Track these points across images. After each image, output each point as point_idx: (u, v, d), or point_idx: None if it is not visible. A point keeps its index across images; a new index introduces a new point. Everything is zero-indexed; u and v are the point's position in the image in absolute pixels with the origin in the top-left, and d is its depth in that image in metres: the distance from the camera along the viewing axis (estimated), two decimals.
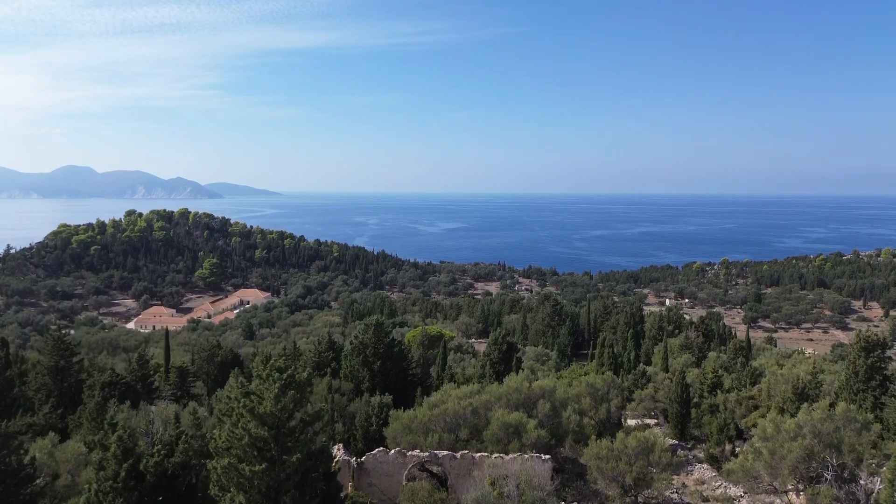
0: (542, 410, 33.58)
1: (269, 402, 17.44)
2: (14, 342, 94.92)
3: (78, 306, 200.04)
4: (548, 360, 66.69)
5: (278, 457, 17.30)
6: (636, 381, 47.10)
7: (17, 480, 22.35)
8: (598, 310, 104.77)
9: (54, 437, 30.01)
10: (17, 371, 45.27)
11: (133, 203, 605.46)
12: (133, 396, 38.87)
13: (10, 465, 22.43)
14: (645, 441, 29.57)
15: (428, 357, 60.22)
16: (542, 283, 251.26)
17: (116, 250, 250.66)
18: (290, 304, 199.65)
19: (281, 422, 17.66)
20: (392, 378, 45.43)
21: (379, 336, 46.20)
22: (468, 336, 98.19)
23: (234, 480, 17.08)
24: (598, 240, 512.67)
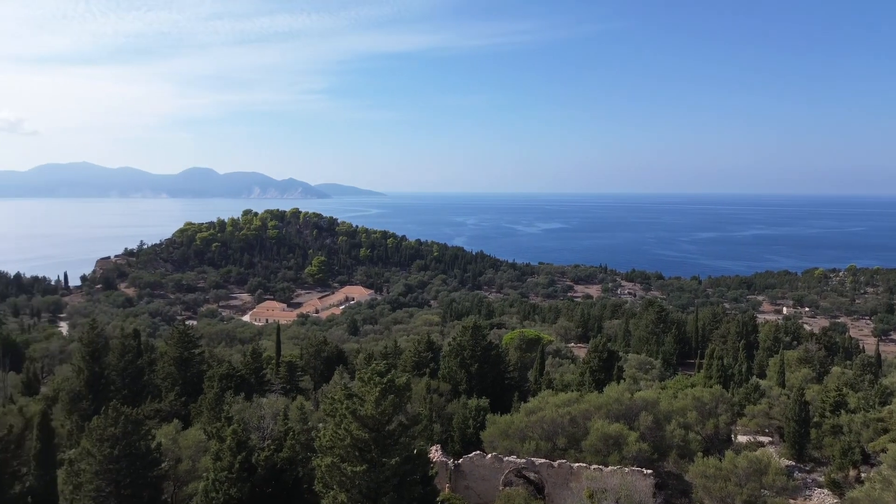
0: (644, 423, 32.41)
1: (370, 405, 18.04)
2: (145, 331, 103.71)
3: (200, 299, 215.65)
4: (651, 369, 64.22)
5: (378, 459, 17.86)
6: (748, 396, 44.35)
7: (145, 463, 24.51)
8: (707, 317, 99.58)
9: (178, 424, 32.61)
10: (148, 360, 49.58)
11: (249, 203, 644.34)
12: (247, 388, 41.38)
13: (140, 449, 24.63)
14: (757, 461, 27.81)
15: (525, 361, 59.80)
16: (645, 288, 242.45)
17: (234, 247, 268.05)
18: (391, 301, 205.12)
19: (381, 425, 18.21)
20: (489, 381, 45.53)
21: (476, 339, 46.45)
22: (567, 341, 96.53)
23: (336, 479, 17.81)
24: (707, 242, 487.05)
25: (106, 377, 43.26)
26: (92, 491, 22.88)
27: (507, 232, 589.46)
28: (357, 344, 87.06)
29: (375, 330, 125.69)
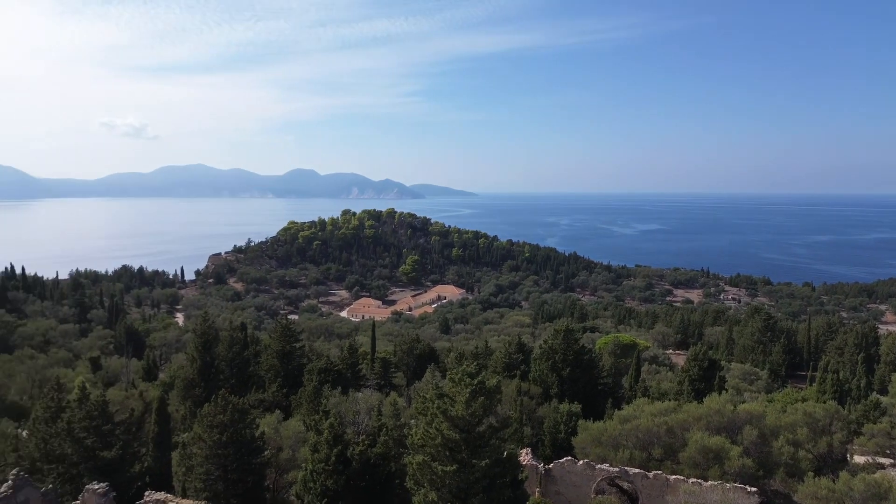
0: (748, 437, 30.65)
1: (461, 406, 18.23)
2: (251, 324, 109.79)
3: (302, 294, 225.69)
4: (756, 380, 60.59)
5: (468, 460, 18.01)
6: (867, 413, 40.86)
7: (249, 450, 25.99)
8: (821, 327, 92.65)
9: (279, 415, 34.32)
10: (253, 351, 52.48)
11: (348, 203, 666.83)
12: (343, 383, 42.87)
13: (245, 437, 26.13)
14: (876, 485, 25.56)
15: (619, 367, 58.16)
16: (751, 293, 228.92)
17: (334, 245, 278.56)
18: (482, 301, 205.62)
19: (471, 426, 18.35)
20: (581, 386, 44.67)
21: (568, 342, 45.70)
22: (664, 347, 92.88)
23: (427, 477, 18.14)
24: (822, 246, 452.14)
25: (216, 367, 46.25)
26: (202, 474, 24.56)
27: (601, 233, 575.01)
28: (448, 343, 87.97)
29: (466, 329, 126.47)
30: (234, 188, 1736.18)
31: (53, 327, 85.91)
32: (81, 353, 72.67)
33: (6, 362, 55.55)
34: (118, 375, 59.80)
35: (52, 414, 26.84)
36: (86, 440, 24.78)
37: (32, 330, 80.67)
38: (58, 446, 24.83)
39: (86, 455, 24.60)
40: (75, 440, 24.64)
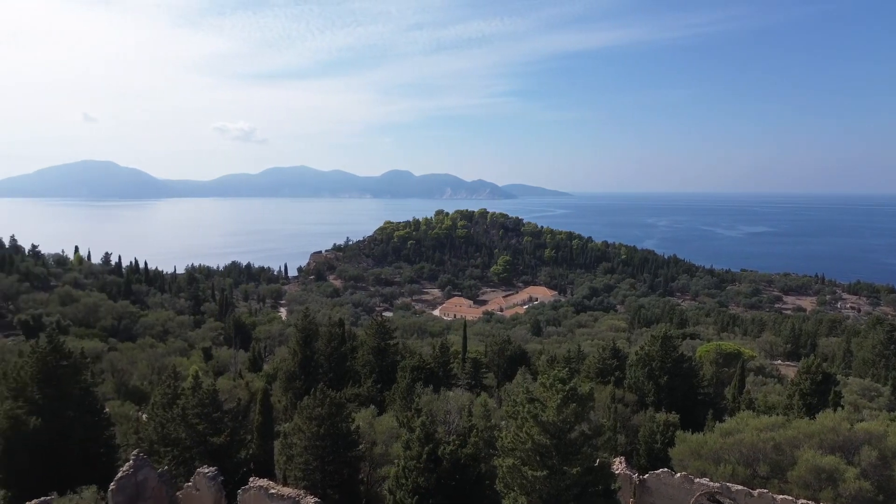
0: (867, 458, 28.25)
1: (552, 411, 18.02)
2: (348, 320, 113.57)
3: (396, 292, 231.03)
4: (877, 397, 55.59)
5: (559, 466, 17.79)
6: None
7: (345, 443, 26.94)
8: None
9: (374, 410, 35.33)
10: (350, 347, 54.28)
11: (441, 203, 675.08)
12: (435, 381, 43.47)
13: (341, 430, 27.11)
14: None
15: (721, 377, 55.28)
16: (873, 303, 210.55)
17: (427, 245, 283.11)
18: (575, 304, 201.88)
19: (562, 432, 18.11)
20: (679, 395, 42.88)
21: (667, 349, 44.00)
22: (772, 357, 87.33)
23: (517, 481, 18.09)
24: None
25: (315, 360, 48.30)
26: (301, 464, 25.74)
27: (704, 235, 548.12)
28: (540, 345, 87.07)
29: (558, 332, 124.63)
30: (335, 189, 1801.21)
31: (171, 318, 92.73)
32: (195, 343, 77.99)
33: (129, 350, 60.58)
34: (227, 365, 63.70)
35: (169, 400, 29.06)
36: (198, 426, 26.64)
37: (153, 320, 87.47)
38: (173, 431, 26.86)
39: (198, 440, 26.45)
40: (188, 426, 26.55)
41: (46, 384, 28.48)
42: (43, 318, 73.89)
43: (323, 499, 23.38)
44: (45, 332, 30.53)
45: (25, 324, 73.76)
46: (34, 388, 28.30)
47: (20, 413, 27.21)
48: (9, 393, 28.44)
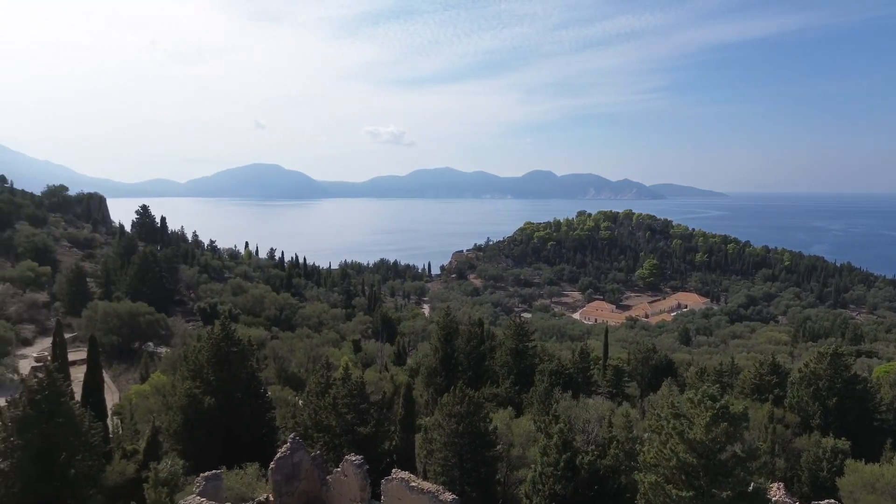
0: None
1: (700, 429, 17.00)
2: (487, 319, 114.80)
3: (535, 293, 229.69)
4: None
5: (707, 488, 16.74)
6: None
7: (483, 443, 27.31)
8: None
9: (511, 412, 35.48)
10: (489, 347, 54.86)
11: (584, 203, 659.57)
12: (574, 387, 42.71)
13: (479, 429, 27.52)
14: None
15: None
16: None
17: (568, 246, 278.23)
18: (729, 313, 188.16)
19: (711, 452, 17.02)
20: (850, 419, 38.46)
21: (837, 367, 39.67)
22: None
23: (660, 499, 17.29)
24: None
25: (455, 358, 49.40)
26: (441, 459, 26.52)
27: (886, 240, 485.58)
28: (688, 355, 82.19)
29: (710, 342, 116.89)
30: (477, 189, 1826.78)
31: (325, 311, 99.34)
32: (346, 335, 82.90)
33: (289, 339, 65.78)
34: (374, 358, 67.05)
35: (322, 389, 31.23)
36: (347, 415, 28.40)
37: (310, 312, 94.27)
38: (325, 418, 28.85)
39: (346, 428, 28.20)
40: (338, 414, 28.39)
41: (219, 367, 31.80)
42: (218, 307, 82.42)
43: (461, 496, 23.93)
44: (219, 321, 34.14)
45: (203, 311, 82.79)
46: (209, 370, 31.73)
47: (197, 392, 30.65)
48: (188, 373, 32.15)
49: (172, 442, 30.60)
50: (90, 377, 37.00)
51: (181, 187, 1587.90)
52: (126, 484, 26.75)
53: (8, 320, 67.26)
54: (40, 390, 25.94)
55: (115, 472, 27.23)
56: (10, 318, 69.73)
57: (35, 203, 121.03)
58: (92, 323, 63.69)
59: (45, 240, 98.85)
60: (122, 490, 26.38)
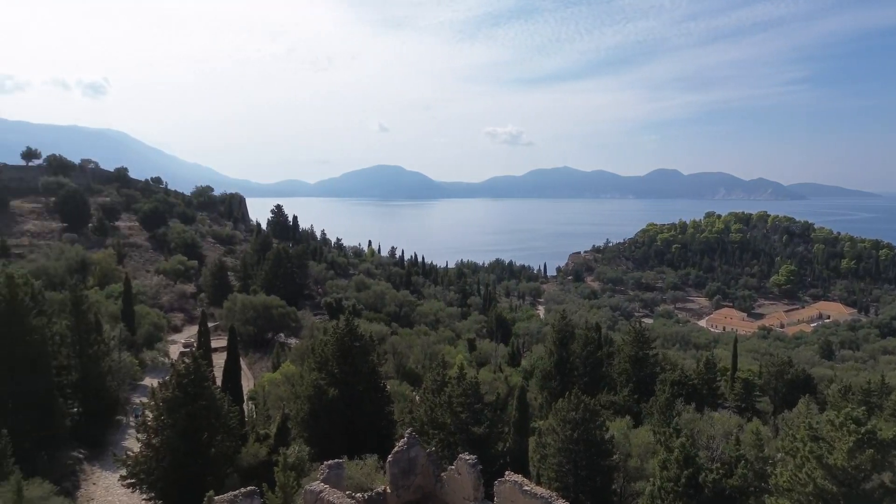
0: None
1: (841, 455, 15.57)
2: (604, 324, 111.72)
3: (657, 298, 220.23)
4: None
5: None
6: None
7: (598, 451, 26.73)
8: None
9: (629, 421, 34.36)
10: (606, 353, 53.46)
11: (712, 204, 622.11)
12: (698, 399, 40.53)
13: (595, 437, 26.95)
14: None
15: None
16: None
17: (694, 249, 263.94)
18: (881, 325, 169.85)
19: (854, 480, 15.54)
20: None
21: None
22: None
23: None
24: None
25: (570, 362, 48.63)
26: (555, 465, 26.26)
27: None
28: (830, 371, 75.23)
29: (856, 357, 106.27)
30: (596, 189, 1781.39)
31: (442, 309, 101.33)
32: (461, 334, 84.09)
33: (407, 335, 67.81)
34: (488, 357, 67.50)
35: (438, 386, 31.95)
36: (461, 414, 28.87)
37: (427, 309, 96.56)
38: (440, 416, 29.50)
39: (461, 427, 28.67)
40: (453, 413, 28.93)
41: (343, 361, 33.45)
42: (342, 302, 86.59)
43: (574, 503, 23.56)
44: (344, 316, 35.92)
45: (329, 305, 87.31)
46: (334, 363, 33.46)
47: (322, 383, 32.44)
48: (315, 365, 34.11)
49: (300, 429, 32.61)
50: (229, 364, 40.27)
51: (311, 188, 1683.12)
52: (258, 466, 28.88)
53: (161, 309, 74.78)
54: (187, 374, 28.66)
55: (250, 454, 29.48)
56: (163, 306, 77.47)
57: (185, 202, 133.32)
58: (231, 313, 69.12)
59: (193, 236, 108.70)
60: (255, 471, 28.51)
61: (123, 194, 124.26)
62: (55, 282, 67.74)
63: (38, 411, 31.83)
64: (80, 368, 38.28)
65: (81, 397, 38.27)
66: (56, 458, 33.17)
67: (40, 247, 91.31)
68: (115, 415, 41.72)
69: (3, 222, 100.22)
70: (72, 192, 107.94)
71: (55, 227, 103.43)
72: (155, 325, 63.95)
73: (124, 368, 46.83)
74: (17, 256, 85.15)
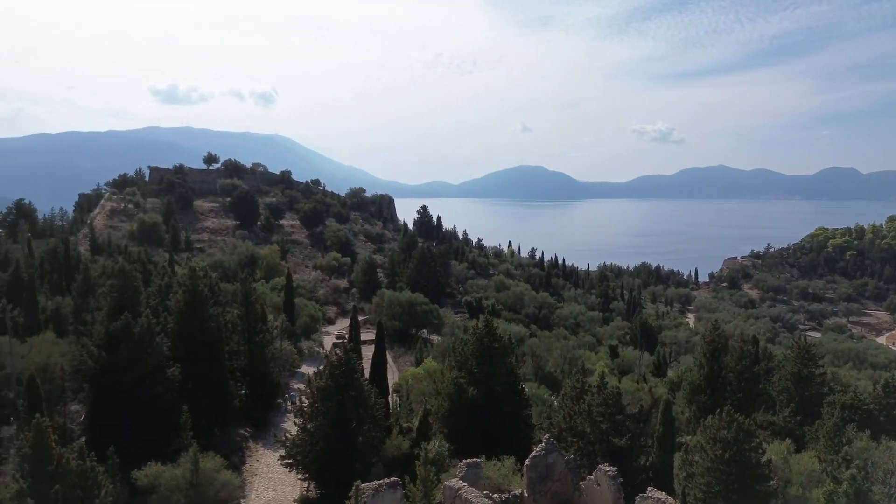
0: None
1: None
2: (763, 336, 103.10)
3: (826, 310, 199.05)
4: None
5: None
6: None
7: (753, 475, 24.76)
8: None
9: (790, 444, 31.45)
10: (764, 368, 49.33)
11: None
12: (874, 426, 36.09)
13: (749, 459, 25.01)
14: None
15: None
16: None
17: (873, 258, 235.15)
18: None
19: None
20: None
21: None
22: None
23: None
24: None
25: (723, 377, 45.37)
26: (703, 485, 24.76)
27: None
28: None
29: None
30: (757, 189, 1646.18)
31: (582, 313, 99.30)
32: (603, 340, 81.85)
33: (546, 338, 67.27)
34: (631, 366, 65.07)
35: (577, 394, 31.42)
36: (601, 424, 28.15)
37: (567, 313, 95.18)
38: (579, 424, 28.98)
39: (600, 437, 27.97)
40: (593, 422, 28.28)
41: (482, 361, 33.99)
42: (482, 301, 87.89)
43: None
44: (483, 316, 36.48)
45: (469, 304, 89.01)
46: (473, 362, 34.10)
47: (462, 382, 33.19)
48: (455, 364, 34.98)
49: (440, 425, 33.62)
50: (376, 358, 42.47)
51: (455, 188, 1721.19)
52: (401, 457, 30.24)
53: (317, 301, 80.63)
54: (339, 366, 30.69)
55: (393, 446, 30.95)
56: (319, 299, 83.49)
57: (340, 203, 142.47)
58: (379, 308, 72.84)
59: (346, 235, 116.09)
60: (398, 462, 29.88)
61: (287, 195, 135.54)
62: (228, 274, 75.58)
63: (214, 392, 35.70)
64: (248, 354, 42.43)
65: (248, 381, 42.39)
66: (227, 435, 37.02)
67: (217, 242, 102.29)
68: (276, 398, 45.68)
69: (187, 220, 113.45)
70: (244, 193, 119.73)
71: (229, 225, 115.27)
72: (312, 317, 69.06)
73: (285, 356, 51.22)
74: (199, 251, 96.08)
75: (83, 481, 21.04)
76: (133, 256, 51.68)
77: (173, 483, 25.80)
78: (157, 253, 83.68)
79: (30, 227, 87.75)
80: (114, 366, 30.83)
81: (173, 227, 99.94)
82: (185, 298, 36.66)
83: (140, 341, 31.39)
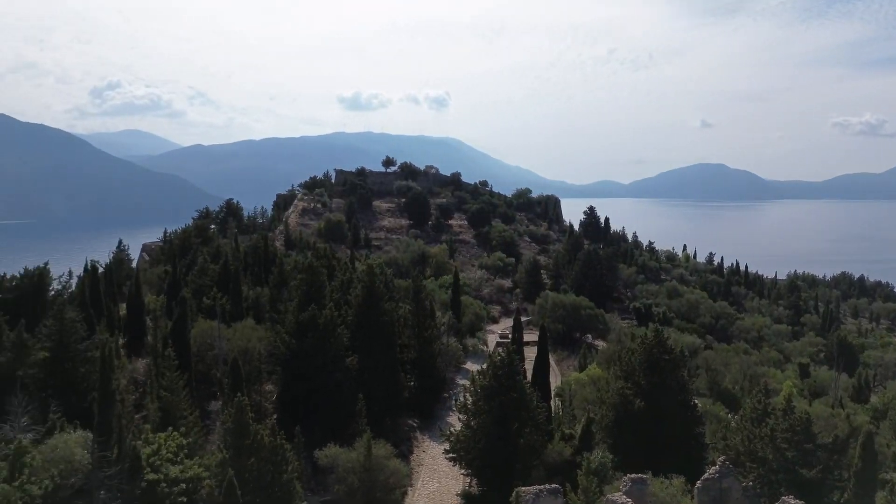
0: None
1: None
2: None
3: None
4: None
5: None
6: None
7: None
8: None
9: None
10: None
11: None
12: None
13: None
14: None
15: None
16: None
17: None
18: None
19: None
20: None
21: None
22: None
23: None
24: None
25: None
26: None
27: None
28: None
29: None
30: None
31: (767, 325, 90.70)
32: (791, 357, 74.22)
33: (724, 351, 62.39)
34: (825, 388, 58.26)
35: (759, 415, 28.80)
36: (787, 452, 25.55)
37: (749, 325, 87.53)
38: (760, 449, 26.55)
39: (784, 466, 25.39)
40: (776, 448, 25.76)
41: (650, 372, 32.47)
42: (652, 308, 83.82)
43: None
44: (653, 326, 34.83)
45: (638, 311, 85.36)
46: (640, 373, 32.70)
47: (629, 393, 31.98)
48: (621, 373, 33.79)
49: (603, 435, 32.72)
50: (539, 360, 42.37)
51: (624, 188, 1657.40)
52: (562, 464, 29.93)
53: (482, 300, 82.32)
54: (502, 366, 31.17)
55: (555, 451, 30.72)
56: (484, 298, 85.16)
57: (506, 203, 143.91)
58: (542, 310, 72.50)
59: (511, 235, 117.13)
60: (559, 468, 29.62)
61: (456, 196, 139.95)
62: (402, 271, 79.92)
63: (386, 382, 38.06)
64: (417, 348, 44.63)
65: (417, 373, 44.56)
66: (397, 424, 39.28)
67: (392, 240, 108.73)
68: (442, 392, 47.52)
69: (367, 219, 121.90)
70: (417, 194, 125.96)
71: (404, 224, 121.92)
72: (476, 315, 70.68)
73: (451, 352, 53.08)
74: (376, 248, 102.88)
75: (274, 456, 23.61)
76: (320, 252, 56.47)
77: (349, 465, 27.96)
78: (340, 249, 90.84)
79: (237, 223, 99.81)
80: (301, 352, 34.11)
81: (354, 225, 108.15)
82: (363, 293, 39.54)
83: (324, 331, 34.37)
